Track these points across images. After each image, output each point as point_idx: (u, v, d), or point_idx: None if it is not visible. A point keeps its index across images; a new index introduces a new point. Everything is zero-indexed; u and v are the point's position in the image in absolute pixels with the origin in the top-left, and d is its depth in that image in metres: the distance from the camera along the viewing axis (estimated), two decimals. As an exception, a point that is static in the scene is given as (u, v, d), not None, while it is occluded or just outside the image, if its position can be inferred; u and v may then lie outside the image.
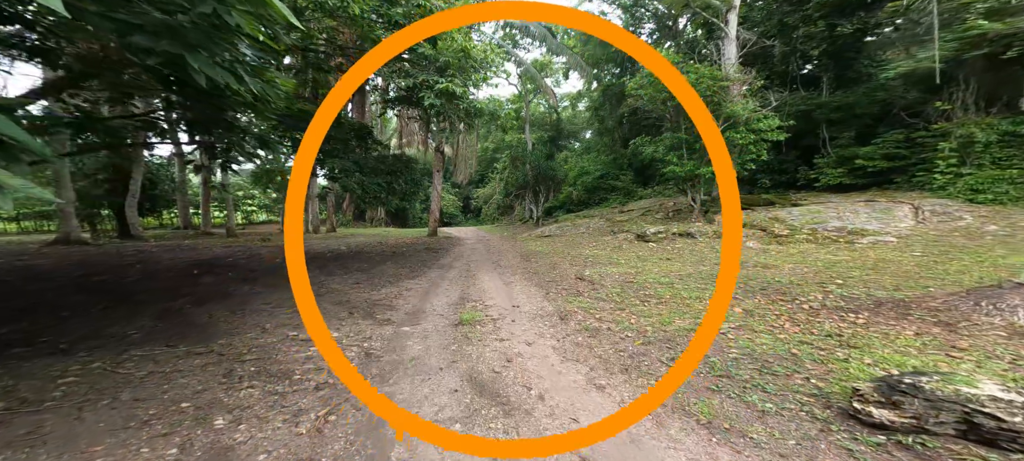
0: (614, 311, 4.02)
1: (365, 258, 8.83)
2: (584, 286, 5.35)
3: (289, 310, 4.35)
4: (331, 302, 4.82)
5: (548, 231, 14.54)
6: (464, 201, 36.12)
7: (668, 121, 11.39)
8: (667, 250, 7.79)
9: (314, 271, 6.98)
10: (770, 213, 8.36)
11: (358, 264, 7.94)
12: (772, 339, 3.02)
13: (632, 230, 10.72)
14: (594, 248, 9.29)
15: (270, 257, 8.51)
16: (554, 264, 7.41)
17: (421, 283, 6.19)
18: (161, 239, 12.93)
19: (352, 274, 6.85)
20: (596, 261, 7.29)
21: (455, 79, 6.07)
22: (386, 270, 7.28)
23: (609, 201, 18.99)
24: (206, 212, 17.22)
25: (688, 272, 5.55)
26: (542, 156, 18.50)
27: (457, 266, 7.91)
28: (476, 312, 4.31)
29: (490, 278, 6.53)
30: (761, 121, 9.03)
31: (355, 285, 5.92)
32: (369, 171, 7.90)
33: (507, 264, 8.03)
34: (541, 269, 7.05)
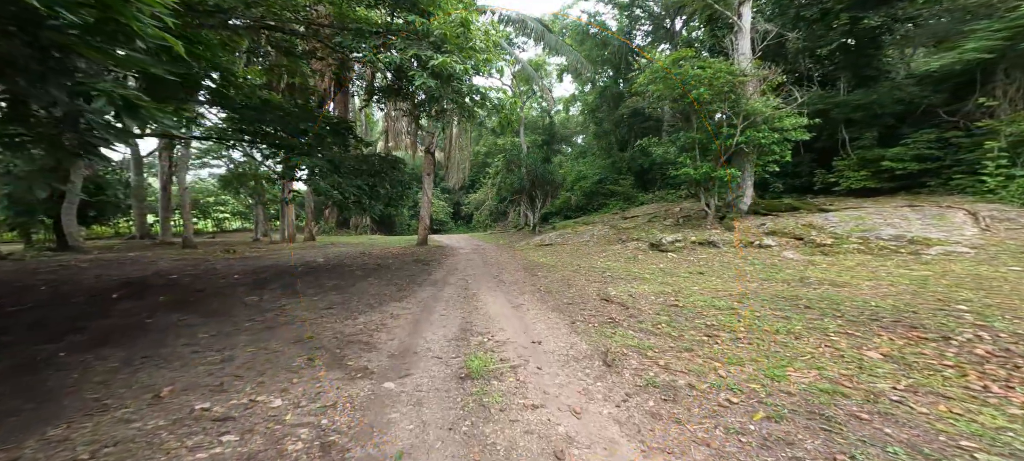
0: (679, 352, 2.97)
1: (344, 273, 7.55)
2: (616, 310, 4.29)
3: (220, 357, 3.10)
4: (287, 339, 3.59)
5: (548, 239, 13.51)
6: (454, 207, 34.86)
7: (680, 120, 10.61)
8: (691, 262, 6.85)
9: (278, 291, 5.68)
10: (799, 219, 7.58)
11: (334, 280, 6.67)
12: (1000, 417, 1.91)
13: (643, 238, 9.81)
14: (606, 259, 8.29)
15: (225, 272, 7.12)
16: (567, 279, 6.34)
17: (410, 306, 5.00)
18: (106, 251, 11.21)
19: (325, 294, 5.58)
20: (615, 275, 6.27)
21: (453, 56, 5.01)
22: (367, 289, 6.04)
23: (609, 206, 18.18)
24: (165, 219, 15.43)
25: (738, 290, 4.57)
26: (539, 159, 17.58)
27: (452, 282, 6.73)
28: (486, 354, 3.18)
29: (494, 298, 5.40)
30: (784, 119, 8.31)
31: (326, 311, 4.67)
32: (348, 172, 6.68)
33: (510, 279, 6.91)
34: (553, 286, 5.97)
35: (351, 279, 6.84)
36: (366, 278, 6.96)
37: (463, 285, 6.43)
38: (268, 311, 4.55)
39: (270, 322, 4.11)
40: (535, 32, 16.30)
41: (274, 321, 4.15)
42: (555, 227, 17.36)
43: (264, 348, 3.34)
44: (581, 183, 19.84)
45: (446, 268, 8.36)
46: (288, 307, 4.77)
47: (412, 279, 6.93)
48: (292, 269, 7.87)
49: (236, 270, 7.46)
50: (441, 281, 6.83)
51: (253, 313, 4.48)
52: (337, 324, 4.12)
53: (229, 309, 4.64)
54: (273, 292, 5.59)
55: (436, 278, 7.15)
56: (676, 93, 9.43)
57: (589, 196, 19.08)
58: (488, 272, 7.79)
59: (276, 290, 5.71)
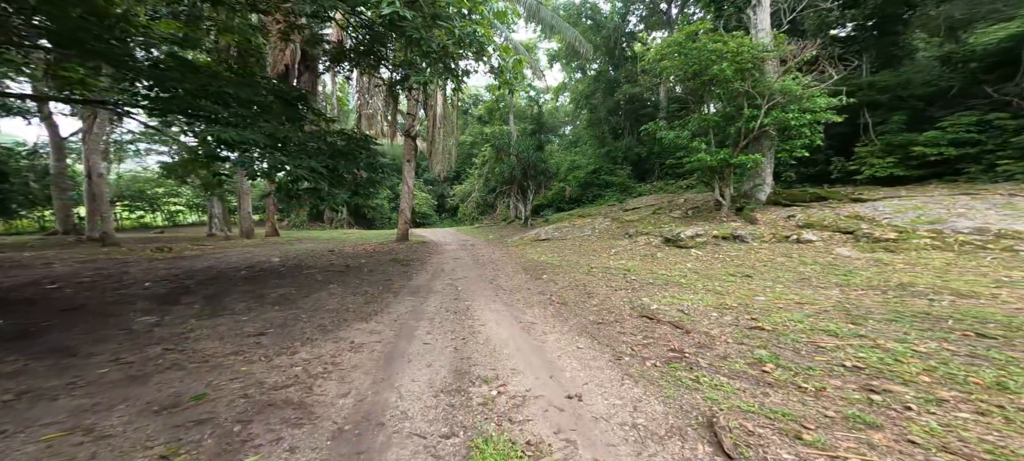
0: (848, 428, 1.76)
1: (299, 277, 6.01)
2: (670, 334, 3.09)
3: None
4: (149, 404, 2.14)
5: (543, 233, 12.28)
6: (439, 199, 33.08)
7: (692, 101, 9.55)
8: (724, 261, 5.77)
9: (195, 307, 4.13)
10: (836, 210, 6.67)
11: (283, 289, 5.15)
12: None
13: (653, 232, 8.73)
14: (617, 257, 7.13)
15: (137, 279, 5.42)
16: (582, 285, 5.10)
17: (381, 328, 3.62)
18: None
19: (262, 311, 4.09)
20: (642, 280, 5.09)
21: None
22: (324, 301, 4.58)
23: (604, 198, 17.16)
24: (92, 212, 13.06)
25: (828, 302, 3.47)
26: (531, 147, 16.26)
27: (439, 289, 5.37)
28: (502, 427, 1.91)
29: (495, 314, 4.09)
30: (815, 99, 7.37)
31: (253, 340, 3.22)
32: (297, 151, 5.12)
33: (511, 284, 5.61)
34: (568, 295, 4.72)
35: (306, 287, 5.34)
36: (327, 285, 5.47)
37: (452, 293, 5.07)
38: (156, 344, 3.04)
39: (144, 366, 2.63)
40: (529, 7, 14.82)
41: (153, 363, 2.67)
42: (548, 220, 16.17)
43: (87, 430, 1.88)
44: (575, 173, 18.70)
45: (430, 270, 6.95)
46: (193, 335, 3.27)
47: (387, 285, 5.51)
48: (233, 273, 6.24)
49: (154, 276, 5.77)
50: (424, 288, 5.44)
51: (129, 347, 2.96)
52: (260, 366, 2.69)
53: (98, 340, 3.10)
54: (186, 309, 4.04)
55: (418, 283, 5.75)
56: (692, 69, 8.32)
57: (583, 187, 17.98)
58: (482, 274, 6.46)
59: (192, 306, 4.16)
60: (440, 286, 5.58)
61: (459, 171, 30.55)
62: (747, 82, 7.98)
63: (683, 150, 9.35)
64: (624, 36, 21.34)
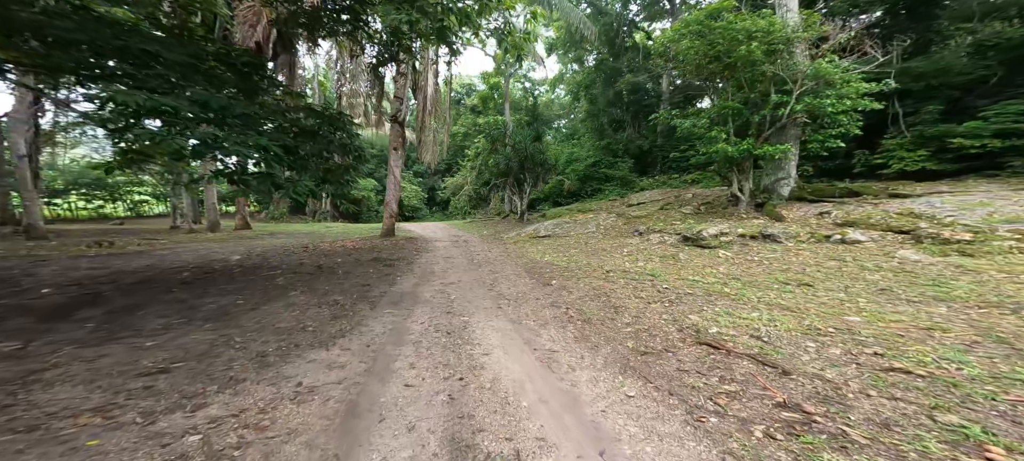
0: None
1: (256, 281, 4.91)
2: (756, 374, 2.18)
3: None
4: None
5: (542, 229, 11.35)
6: (429, 192, 31.79)
7: (710, 88, 8.70)
8: (763, 264, 4.94)
9: (89, 325, 3.03)
10: (886, 207, 5.93)
11: (229, 297, 4.06)
12: None
13: (666, 230, 7.89)
14: (632, 258, 6.24)
15: (46, 281, 4.22)
16: (604, 294, 4.18)
17: (345, 359, 2.61)
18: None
19: (186, 329, 3.02)
20: (674, 288, 4.20)
21: None
22: (276, 315, 3.52)
23: (605, 192, 16.33)
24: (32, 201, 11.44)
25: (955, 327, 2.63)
26: (528, 137, 15.24)
27: (427, 297, 4.36)
28: None
29: (501, 338, 3.12)
30: (852, 84, 6.59)
31: (149, 378, 2.17)
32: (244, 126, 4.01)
33: (514, 292, 4.64)
34: (588, 308, 3.78)
35: (260, 294, 4.25)
36: (287, 292, 4.39)
37: (444, 304, 4.08)
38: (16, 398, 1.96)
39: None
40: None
41: None
42: (545, 215, 15.25)
43: None
44: (573, 166, 17.80)
45: (418, 272, 5.93)
46: (49, 374, 2.18)
47: (363, 293, 4.46)
48: (171, 276, 5.08)
49: (65, 278, 4.58)
50: (409, 296, 4.42)
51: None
52: (124, 437, 1.65)
53: None
54: (74, 328, 2.93)
55: (402, 289, 4.73)
56: (714, 51, 7.42)
57: (582, 181, 17.11)
58: (478, 278, 5.47)
59: (85, 323, 3.04)
60: (429, 293, 4.57)
61: (451, 163, 29.32)
62: (777, 65, 7.15)
63: (698, 140, 8.50)
64: (626, 25, 20.43)
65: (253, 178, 4.14)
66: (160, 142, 3.11)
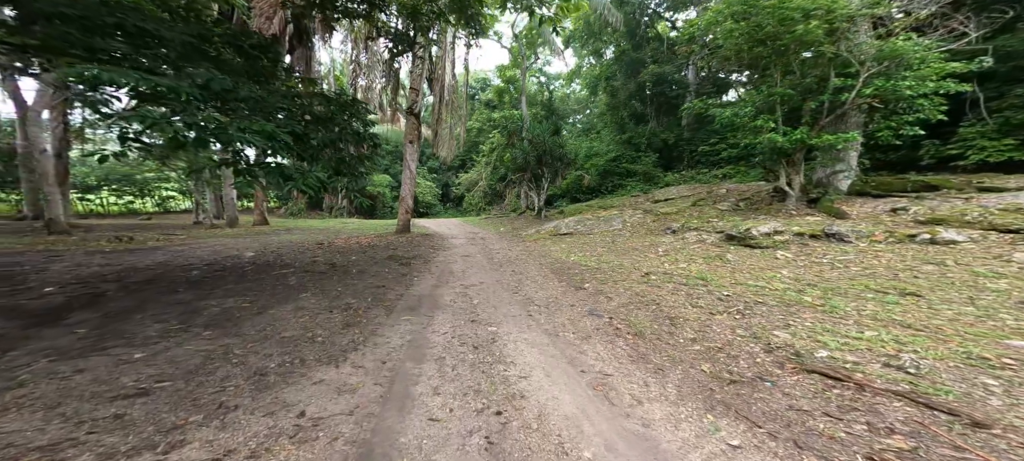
0: None
1: (266, 280, 4.59)
2: (915, 418, 1.60)
3: None
4: None
5: (562, 226, 10.77)
6: (443, 188, 31.60)
7: (755, 74, 7.86)
8: (837, 267, 4.23)
9: (85, 326, 2.72)
10: (986, 201, 5.08)
11: (235, 298, 3.73)
12: None
13: (704, 227, 7.19)
14: (673, 260, 5.61)
15: (51, 278, 4.01)
16: (648, 301, 3.61)
17: (356, 380, 2.18)
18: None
19: (183, 337, 2.67)
20: (737, 295, 3.58)
21: None
22: (283, 321, 3.14)
23: (626, 188, 15.55)
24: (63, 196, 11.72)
25: None
26: (547, 131, 14.62)
27: (447, 302, 3.91)
28: None
29: (539, 356, 2.63)
30: (932, 65, 5.70)
31: (123, 402, 1.79)
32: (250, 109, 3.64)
33: (543, 297, 4.13)
34: (637, 319, 3.23)
35: (269, 295, 3.91)
36: (298, 293, 4.04)
37: (467, 310, 3.61)
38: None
39: None
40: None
41: None
42: (563, 212, 14.64)
43: None
44: (593, 161, 17.07)
45: (436, 272, 5.50)
46: (10, 394, 1.83)
47: (378, 296, 4.05)
48: (181, 274, 4.83)
49: (72, 276, 4.37)
50: (428, 300, 3.98)
51: None
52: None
53: None
54: (61, 333, 2.62)
55: (420, 292, 4.30)
56: (763, 33, 6.59)
57: (602, 176, 16.37)
58: (501, 280, 4.99)
59: (75, 328, 2.73)
60: (449, 297, 4.12)
61: (465, 158, 28.98)
62: (838, 46, 6.29)
63: (739, 131, 7.71)
64: (648, 15, 19.43)
65: (260, 168, 3.78)
66: (152, 125, 2.76)
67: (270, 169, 3.86)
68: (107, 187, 21.07)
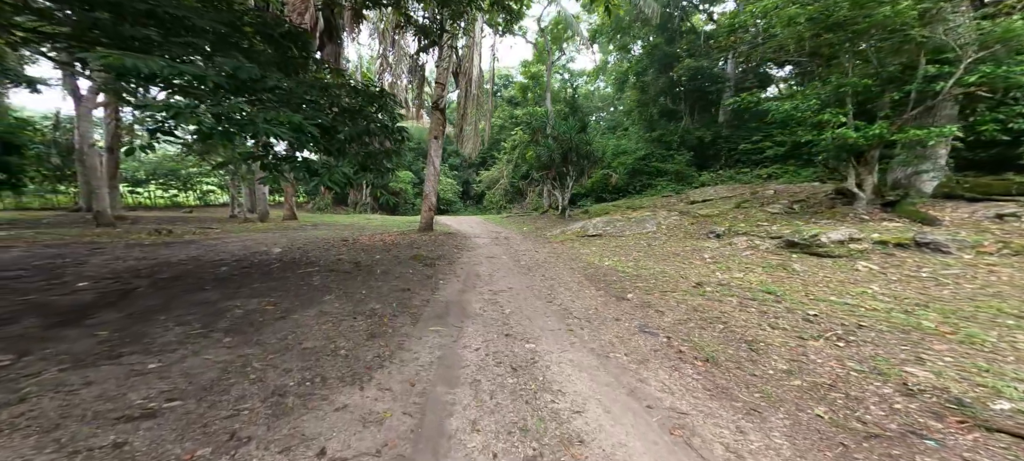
0: None
1: (291, 279, 4.45)
2: None
3: None
4: None
5: (590, 227, 10.23)
6: (463, 185, 31.59)
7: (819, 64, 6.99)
8: (946, 283, 3.52)
9: (106, 328, 2.59)
10: None
11: (259, 298, 3.57)
12: None
13: (755, 232, 6.47)
14: (725, 268, 5.01)
15: (90, 271, 4.04)
16: (710, 318, 3.10)
17: (383, 406, 1.87)
18: None
19: (203, 343, 2.48)
20: (824, 314, 3.01)
21: None
22: (306, 329, 2.91)
23: (656, 188, 14.73)
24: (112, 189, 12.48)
25: None
26: (573, 128, 14.05)
27: (476, 310, 3.58)
28: None
29: (590, 383, 2.23)
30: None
31: (129, 425, 1.56)
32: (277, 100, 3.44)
33: (582, 309, 3.71)
34: (701, 339, 2.74)
35: (293, 297, 3.73)
36: (322, 295, 3.84)
37: (499, 320, 3.26)
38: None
39: None
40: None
41: None
42: (588, 211, 14.05)
43: None
44: (621, 159, 16.31)
45: (461, 274, 5.19)
46: (22, 409, 1.64)
47: (403, 301, 3.78)
48: (210, 270, 4.79)
49: (108, 270, 4.41)
50: (456, 307, 3.66)
51: None
52: None
53: None
54: (82, 334, 2.49)
55: (446, 297, 3.99)
56: (838, 15, 5.73)
57: (630, 175, 15.60)
58: (532, 286, 4.61)
59: (95, 330, 2.60)
60: (478, 305, 3.78)
61: (486, 156, 28.79)
62: (934, 28, 5.38)
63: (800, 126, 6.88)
64: (681, 8, 18.34)
65: (287, 162, 3.59)
66: (177, 115, 2.59)
67: (297, 164, 3.67)
68: (154, 181, 22.56)
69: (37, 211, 14.00)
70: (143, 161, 23.22)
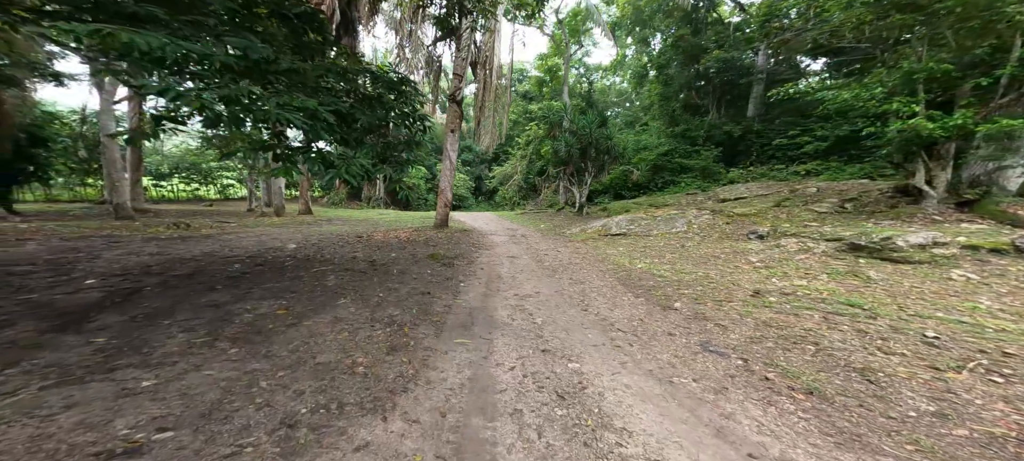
0: None
1: (305, 278, 4.18)
2: None
3: None
4: None
5: (613, 226, 9.72)
6: (476, 181, 31.29)
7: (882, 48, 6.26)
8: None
9: (103, 335, 2.34)
10: None
11: (271, 300, 3.30)
12: None
13: (803, 233, 5.86)
14: (779, 273, 4.47)
15: (101, 266, 3.87)
16: (797, 338, 2.64)
17: (416, 452, 1.49)
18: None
19: (205, 355, 2.19)
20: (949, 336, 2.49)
21: None
22: (319, 338, 2.60)
23: (680, 184, 14.03)
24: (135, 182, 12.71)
25: None
26: (593, 122, 13.47)
27: (504, 318, 3.20)
28: None
29: (653, 411, 1.83)
30: None
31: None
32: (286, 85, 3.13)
33: (622, 318, 3.30)
34: (783, 359, 2.29)
35: (307, 297, 3.45)
36: (336, 298, 3.53)
37: (531, 332, 2.87)
38: None
39: None
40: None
41: None
42: (607, 209, 13.48)
43: None
44: (642, 155, 15.63)
45: (483, 277, 4.82)
46: None
47: (424, 306, 3.43)
48: (223, 266, 4.57)
49: (118, 266, 4.24)
50: (481, 314, 3.29)
51: None
52: None
53: None
54: (76, 342, 2.23)
55: (469, 302, 3.63)
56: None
57: (653, 171, 14.92)
58: (561, 290, 4.20)
59: (93, 339, 2.35)
60: (505, 311, 3.41)
61: (498, 151, 28.36)
62: None
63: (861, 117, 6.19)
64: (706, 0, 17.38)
65: (301, 153, 3.29)
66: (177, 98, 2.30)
67: (311, 156, 3.35)
68: (177, 175, 23.14)
69: (66, 204, 14.44)
70: (166, 155, 23.85)
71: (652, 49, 21.89)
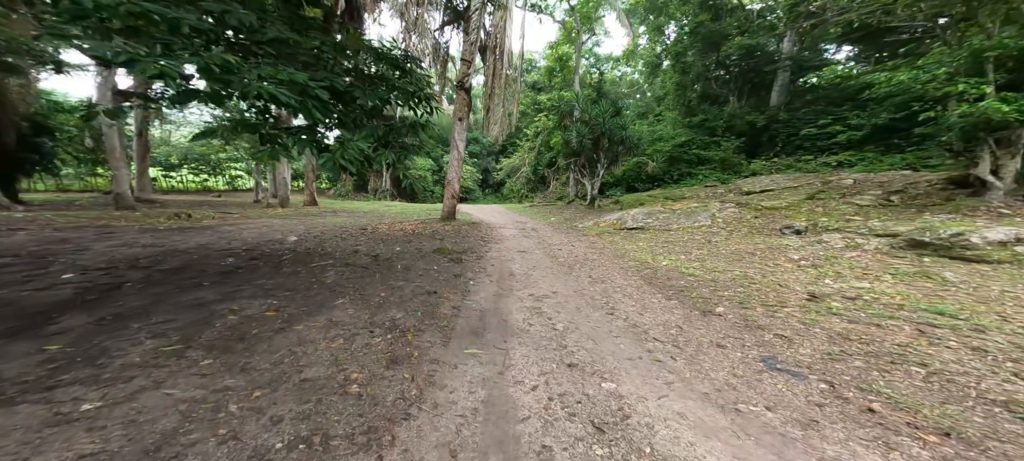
0: None
1: (302, 274, 3.83)
2: None
3: None
4: None
5: (629, 219, 9.21)
6: (483, 173, 30.85)
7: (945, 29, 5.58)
8: None
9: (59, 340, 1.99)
10: None
11: (261, 300, 2.95)
12: None
13: (849, 229, 5.30)
14: (830, 272, 3.95)
15: (86, 260, 3.57)
16: (895, 357, 2.17)
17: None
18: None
19: (172, 367, 1.83)
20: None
21: None
22: (310, 346, 2.22)
23: (697, 176, 13.36)
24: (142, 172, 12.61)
25: None
26: (607, 111, 12.84)
27: (521, 325, 2.79)
28: None
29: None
30: None
31: None
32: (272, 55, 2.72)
33: (655, 324, 2.87)
34: (883, 384, 1.84)
35: (302, 296, 3.08)
36: (334, 299, 3.17)
37: (555, 344, 2.45)
38: None
39: None
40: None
41: None
42: (619, 202, 12.93)
43: None
44: (658, 145, 14.95)
45: (493, 274, 4.41)
46: None
47: (430, 309, 3.04)
48: (216, 260, 4.25)
49: (105, 258, 3.94)
50: (493, 320, 2.89)
51: None
52: None
53: None
54: (31, 346, 1.90)
55: (480, 304, 3.23)
56: None
57: (669, 163, 14.26)
58: (581, 290, 3.76)
59: (52, 341, 2.01)
60: (521, 315, 3.00)
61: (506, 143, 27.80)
62: None
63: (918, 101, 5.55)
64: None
65: (289, 134, 2.90)
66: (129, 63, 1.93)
67: (301, 138, 2.96)
68: (186, 166, 23.23)
69: (76, 193, 14.48)
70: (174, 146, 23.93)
71: (666, 38, 20.98)
